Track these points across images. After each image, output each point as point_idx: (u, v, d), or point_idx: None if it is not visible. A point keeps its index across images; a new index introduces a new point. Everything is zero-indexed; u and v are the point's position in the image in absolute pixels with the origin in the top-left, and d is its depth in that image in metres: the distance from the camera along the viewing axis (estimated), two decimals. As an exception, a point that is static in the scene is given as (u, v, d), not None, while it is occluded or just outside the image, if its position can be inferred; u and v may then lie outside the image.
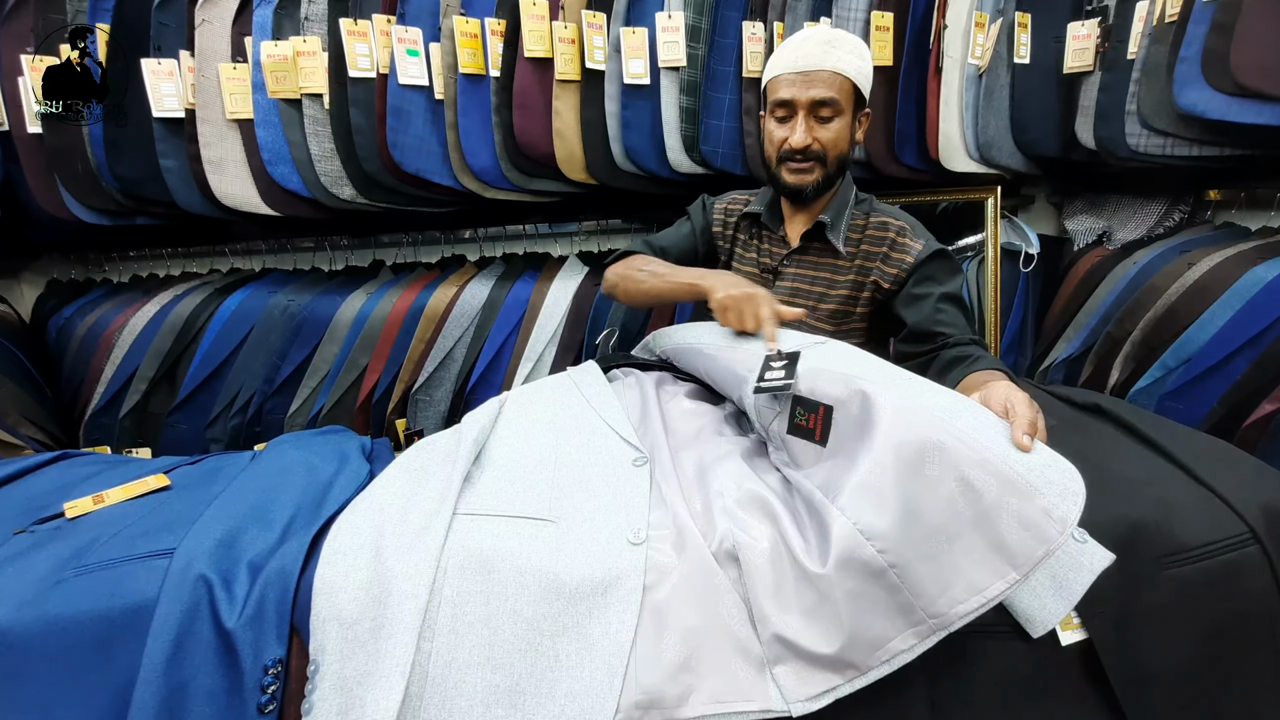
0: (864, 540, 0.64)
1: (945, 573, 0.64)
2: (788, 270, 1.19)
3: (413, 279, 1.66)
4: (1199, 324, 1.32)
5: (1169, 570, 0.73)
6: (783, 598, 0.65)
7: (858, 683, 0.63)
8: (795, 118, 1.09)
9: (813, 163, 1.11)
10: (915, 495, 0.65)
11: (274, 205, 1.48)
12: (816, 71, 1.06)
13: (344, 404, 1.57)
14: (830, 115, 1.09)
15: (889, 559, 0.63)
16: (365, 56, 1.41)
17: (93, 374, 1.57)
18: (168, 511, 0.87)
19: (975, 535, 0.64)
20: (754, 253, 1.24)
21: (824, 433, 0.77)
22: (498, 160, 1.49)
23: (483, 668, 0.62)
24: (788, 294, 1.19)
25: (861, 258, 1.15)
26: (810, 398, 0.79)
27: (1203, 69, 1.27)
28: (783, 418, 0.83)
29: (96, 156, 1.46)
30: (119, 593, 0.72)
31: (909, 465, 0.66)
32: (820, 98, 1.07)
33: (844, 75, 1.08)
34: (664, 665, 0.62)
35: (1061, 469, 0.68)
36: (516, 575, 0.68)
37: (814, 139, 1.09)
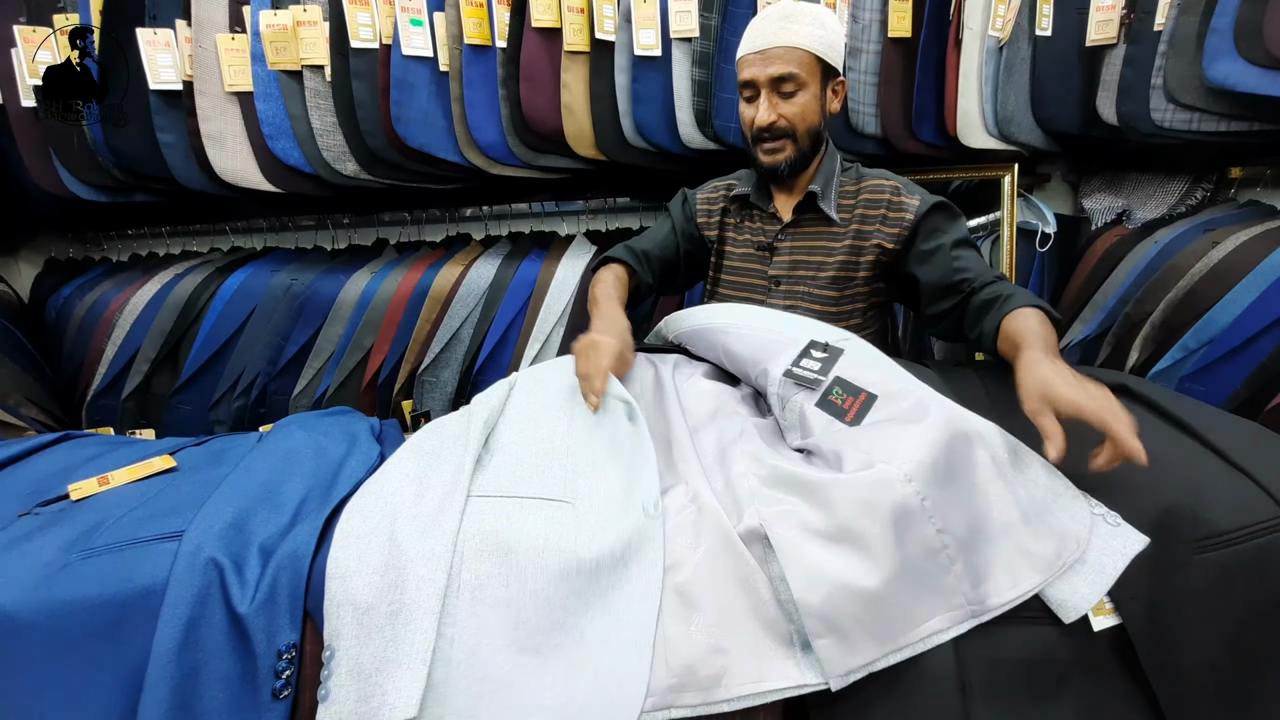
0: (927, 516, 0.65)
1: (990, 561, 0.65)
2: (783, 245, 1.20)
3: (417, 258, 1.63)
4: (1222, 305, 1.29)
5: (1202, 554, 0.71)
6: (819, 570, 0.64)
7: (893, 658, 0.63)
8: (759, 96, 1.11)
9: (783, 140, 1.12)
10: (971, 482, 0.67)
11: (275, 181, 1.44)
12: (773, 48, 1.08)
13: (349, 385, 1.55)
14: (793, 90, 1.10)
15: (945, 539, 0.65)
16: (367, 26, 1.37)
17: (93, 354, 1.54)
18: (175, 494, 0.86)
19: (1023, 529, 0.65)
20: (747, 234, 1.24)
21: (857, 416, 0.76)
22: (504, 135, 1.45)
23: (508, 650, 0.61)
24: (786, 268, 1.19)
25: (857, 222, 1.15)
26: (853, 382, 0.79)
27: (1235, 40, 1.23)
28: (812, 393, 0.82)
29: (93, 131, 1.42)
30: (128, 576, 0.70)
31: (961, 455, 0.68)
32: (779, 74, 1.08)
33: (803, 49, 1.08)
34: (695, 646, 0.61)
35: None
36: (535, 555, 0.66)
37: (779, 115, 1.11)
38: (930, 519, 0.66)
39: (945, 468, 0.69)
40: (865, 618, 0.62)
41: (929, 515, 0.66)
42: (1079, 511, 0.72)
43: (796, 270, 1.19)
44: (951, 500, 0.68)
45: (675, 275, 1.31)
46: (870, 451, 0.70)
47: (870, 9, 1.47)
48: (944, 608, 0.65)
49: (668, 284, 1.32)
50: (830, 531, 0.65)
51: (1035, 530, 0.69)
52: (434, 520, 0.70)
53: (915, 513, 0.65)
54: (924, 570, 0.65)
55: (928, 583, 0.65)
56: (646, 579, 0.65)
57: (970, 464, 0.71)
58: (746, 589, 0.65)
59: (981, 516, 0.69)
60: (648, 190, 1.74)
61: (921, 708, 0.63)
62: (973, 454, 0.72)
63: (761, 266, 1.22)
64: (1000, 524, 0.69)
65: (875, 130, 1.53)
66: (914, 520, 0.65)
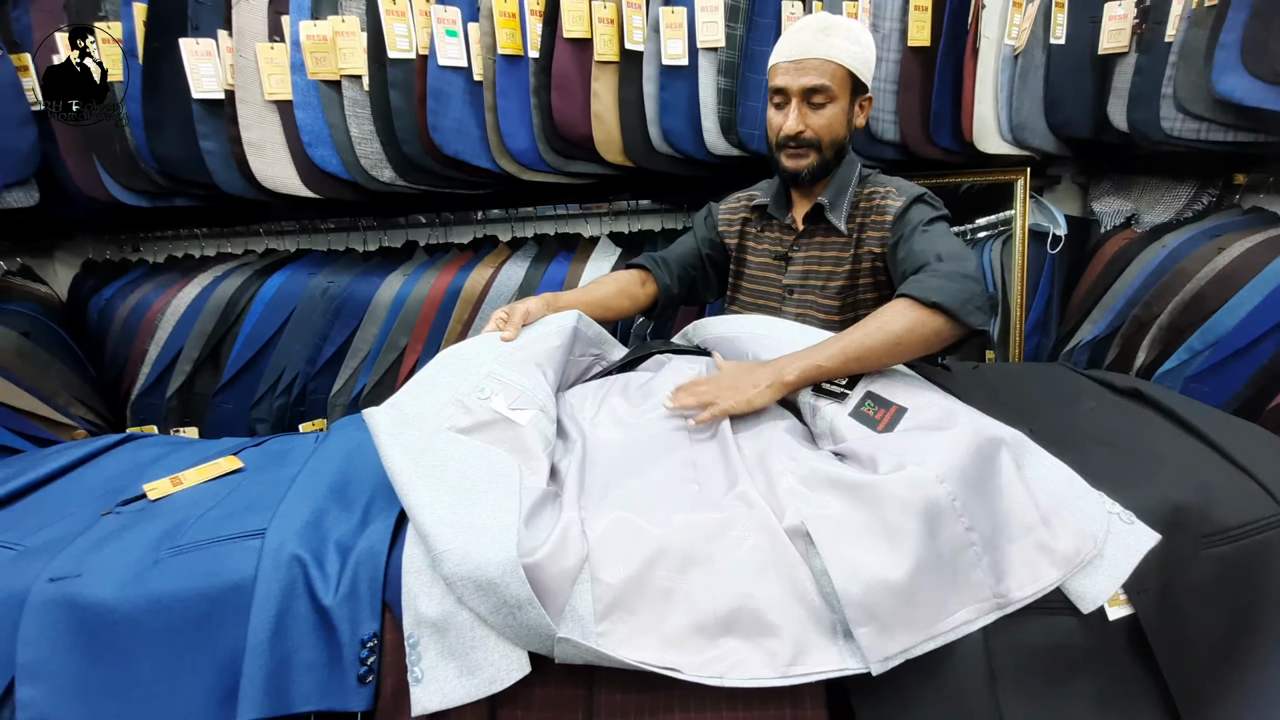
0: (957, 515, 0.70)
1: (1013, 557, 0.71)
2: (797, 255, 1.23)
3: (448, 260, 1.68)
4: (1227, 308, 1.35)
5: (1209, 549, 0.77)
6: (858, 564, 0.69)
7: (927, 645, 0.68)
8: (789, 104, 1.12)
9: (807, 148, 1.14)
10: (996, 484, 0.73)
11: (314, 187, 1.49)
12: (808, 59, 1.09)
13: (385, 384, 1.60)
14: (823, 102, 1.11)
15: (973, 536, 0.70)
16: (404, 37, 1.41)
17: (136, 355, 1.59)
18: (246, 493, 0.91)
19: (1043, 528, 0.71)
20: (765, 243, 1.28)
21: (889, 425, 0.81)
22: (535, 142, 1.49)
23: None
24: (799, 277, 1.23)
25: (858, 230, 1.18)
26: (883, 395, 0.84)
27: (1242, 56, 1.27)
28: (845, 403, 0.88)
29: (136, 138, 1.46)
30: (215, 572, 0.76)
31: (988, 459, 0.74)
32: (811, 85, 1.10)
33: (836, 63, 1.10)
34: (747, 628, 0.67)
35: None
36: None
37: (806, 125, 1.12)
38: (960, 517, 0.71)
39: (974, 471, 0.74)
40: (901, 608, 0.68)
41: (959, 514, 0.71)
42: (1095, 511, 0.77)
43: (808, 280, 1.22)
44: (979, 500, 0.74)
45: (700, 282, 1.36)
46: (903, 455, 0.76)
47: (890, 18, 1.52)
48: (972, 600, 0.70)
49: (694, 291, 1.37)
50: (868, 528, 0.71)
51: (1054, 529, 0.75)
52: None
53: (946, 511, 0.71)
54: (954, 565, 0.71)
55: (958, 577, 0.70)
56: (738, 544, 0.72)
57: (995, 467, 0.77)
58: (792, 581, 0.71)
59: (1005, 516, 0.75)
60: (670, 194, 1.79)
61: (954, 691, 0.69)
62: (998, 458, 0.78)
63: (777, 275, 1.26)
64: (1022, 523, 0.75)
65: (894, 136, 1.57)
66: (945, 518, 0.71)
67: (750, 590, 0.69)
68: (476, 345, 1.02)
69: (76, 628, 0.71)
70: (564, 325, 1.09)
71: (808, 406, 0.93)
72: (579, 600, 0.69)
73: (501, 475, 0.78)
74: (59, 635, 0.71)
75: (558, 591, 0.68)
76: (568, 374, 1.11)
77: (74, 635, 0.71)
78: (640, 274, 1.29)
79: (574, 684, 0.71)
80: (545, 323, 1.08)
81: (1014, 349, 1.79)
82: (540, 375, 0.96)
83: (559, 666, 0.69)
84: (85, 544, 0.80)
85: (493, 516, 0.71)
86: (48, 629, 0.71)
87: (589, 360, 1.16)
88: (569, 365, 1.10)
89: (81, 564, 0.76)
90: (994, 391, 1.06)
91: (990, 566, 0.72)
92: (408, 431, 0.84)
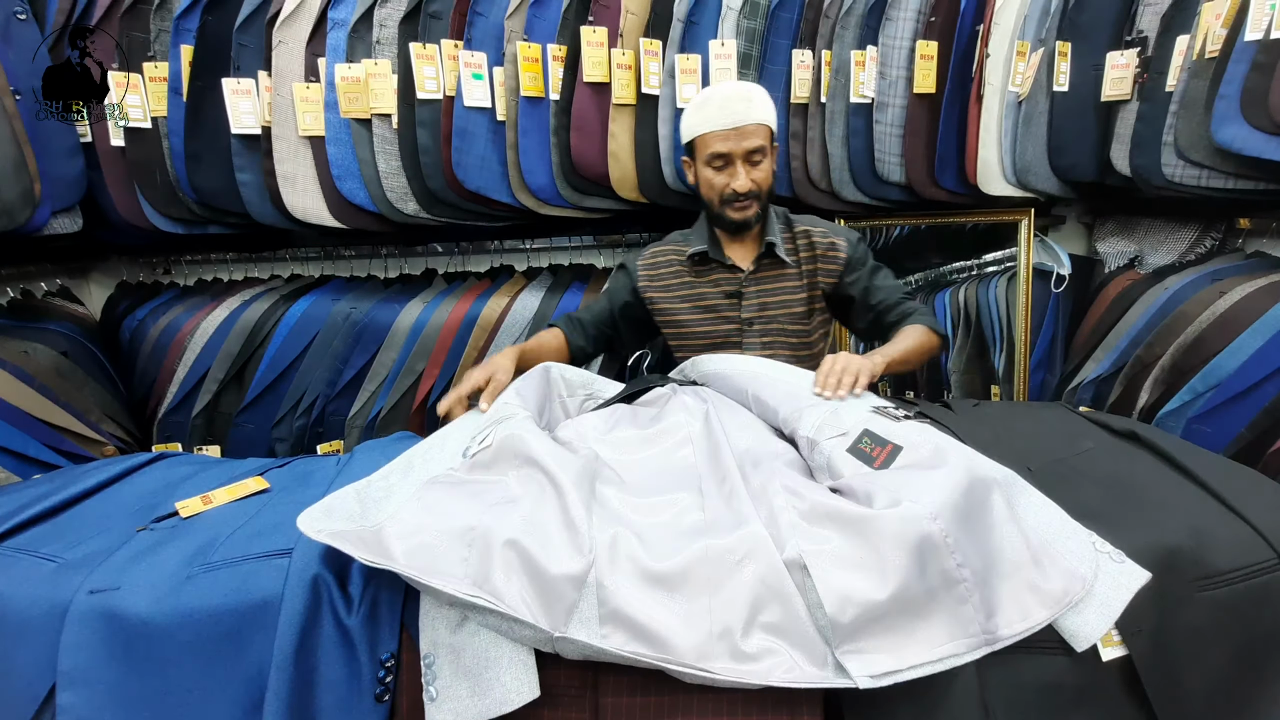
0: (949, 551, 0.73)
1: (1003, 595, 0.73)
2: (750, 290, 1.37)
3: (466, 289, 1.73)
4: (1229, 351, 1.37)
5: (1203, 593, 0.79)
6: (850, 593, 0.71)
7: (912, 674, 0.70)
8: (733, 166, 1.28)
9: (752, 200, 1.30)
10: (986, 523, 0.75)
11: (341, 218, 1.56)
12: (746, 125, 1.26)
13: (401, 407, 1.65)
14: (760, 159, 1.29)
15: (965, 573, 0.72)
16: (433, 79, 1.49)
17: (165, 374, 1.66)
18: (273, 513, 0.95)
19: (1033, 568, 0.73)
20: (707, 285, 1.39)
21: (885, 463, 0.85)
22: (554, 179, 1.56)
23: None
24: (756, 310, 1.37)
25: (805, 263, 1.37)
26: (880, 434, 0.87)
27: (1241, 107, 1.32)
28: (844, 440, 0.91)
29: (176, 169, 1.54)
30: (244, 589, 0.80)
31: (980, 499, 0.76)
32: (752, 147, 1.27)
33: (765, 124, 1.29)
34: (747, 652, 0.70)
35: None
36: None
37: (752, 181, 1.29)
38: (952, 554, 0.74)
39: (966, 509, 0.77)
40: (890, 637, 0.70)
41: (950, 550, 0.74)
42: (1084, 552, 0.79)
43: (766, 311, 1.37)
44: (970, 538, 0.76)
45: (615, 340, 1.47)
46: (898, 492, 0.79)
47: (897, 66, 1.58)
48: (961, 634, 0.72)
49: (610, 347, 1.50)
50: (863, 561, 0.73)
51: (1044, 569, 0.77)
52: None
53: (939, 547, 0.73)
54: (945, 599, 0.73)
55: (948, 610, 0.72)
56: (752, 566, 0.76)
57: (987, 506, 0.79)
58: (789, 610, 0.74)
59: (996, 554, 0.77)
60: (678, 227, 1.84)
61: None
62: (989, 498, 0.80)
63: (732, 312, 1.38)
64: (1013, 562, 0.77)
65: (900, 178, 1.62)
66: (938, 554, 0.73)
67: (748, 616, 0.73)
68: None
69: (114, 638, 0.76)
70: (529, 374, 1.16)
71: (807, 442, 0.96)
72: (585, 605, 0.72)
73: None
74: (98, 645, 0.75)
75: (565, 594, 0.71)
76: (555, 414, 1.16)
77: (112, 645, 0.75)
78: (559, 333, 1.39)
79: (580, 708, 0.74)
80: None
81: (1019, 385, 1.81)
82: (515, 396, 1.02)
83: (565, 692, 0.72)
84: (122, 558, 0.84)
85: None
86: (87, 638, 0.75)
87: (580, 399, 1.21)
88: (555, 407, 1.17)
89: (119, 577, 0.80)
90: (993, 429, 1.09)
91: (981, 603, 0.74)
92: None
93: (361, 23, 1.50)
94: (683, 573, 0.75)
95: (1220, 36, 1.37)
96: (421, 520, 0.81)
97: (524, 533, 0.76)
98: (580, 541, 0.75)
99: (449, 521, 0.79)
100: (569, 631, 0.69)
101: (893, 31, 1.57)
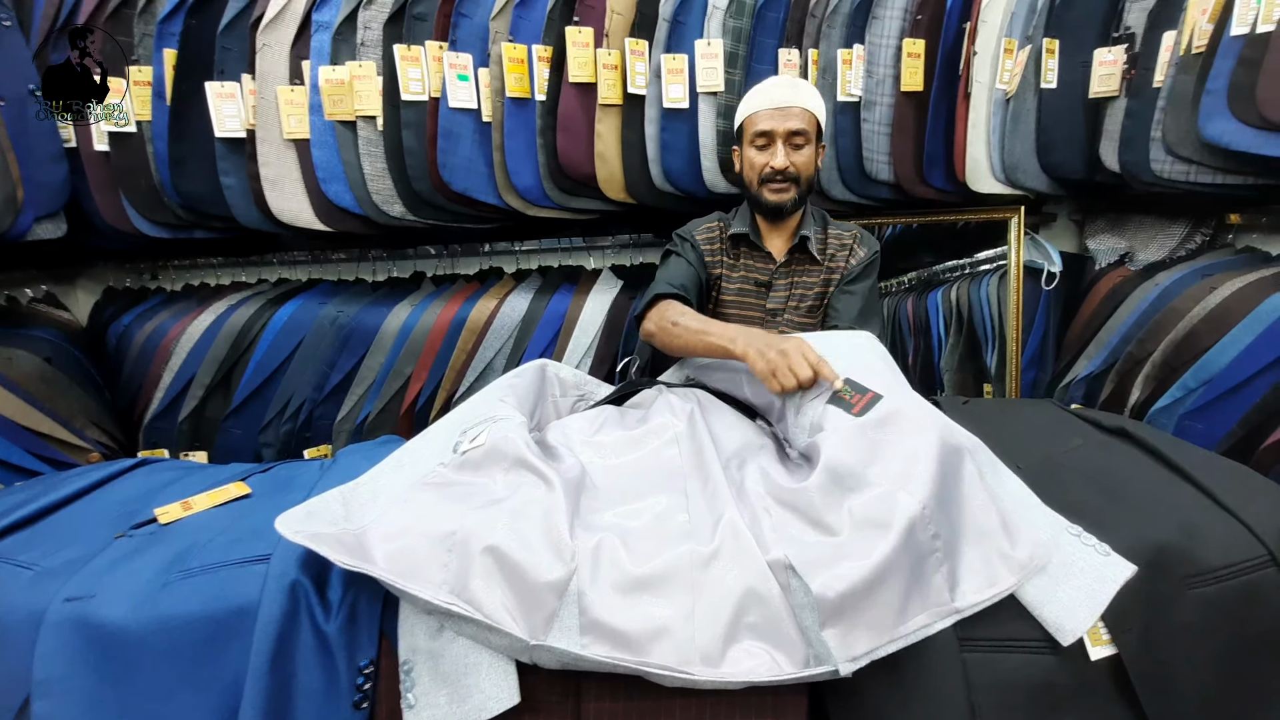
0: (926, 520, 0.73)
1: (971, 562, 0.75)
2: (779, 282, 1.38)
3: (454, 291, 1.72)
4: (1220, 347, 1.36)
5: (1193, 590, 0.78)
6: (835, 576, 0.71)
7: (889, 648, 0.70)
8: (774, 145, 1.29)
9: (789, 183, 1.30)
10: (959, 492, 0.77)
11: (327, 221, 1.55)
12: (790, 107, 1.28)
13: (389, 411, 1.64)
14: (803, 143, 1.30)
15: (937, 544, 0.73)
16: (417, 81, 1.48)
17: (151, 379, 1.64)
18: (254, 519, 0.94)
19: (1002, 535, 0.76)
20: (742, 270, 1.39)
21: (863, 411, 0.86)
22: (540, 180, 1.55)
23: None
24: (781, 302, 1.38)
25: (828, 260, 1.38)
26: (861, 383, 0.90)
27: (1229, 101, 1.31)
28: (824, 396, 0.92)
29: (160, 174, 1.53)
30: (222, 596, 0.78)
31: (953, 467, 0.78)
32: (795, 128, 1.28)
33: (810, 111, 1.30)
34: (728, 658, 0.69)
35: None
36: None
37: (791, 162, 1.29)
38: (928, 525, 0.74)
39: (941, 479, 0.77)
40: (871, 612, 0.70)
41: (927, 522, 0.74)
42: (1045, 520, 0.82)
43: (789, 304, 1.38)
44: (944, 508, 0.76)
45: (699, 307, 1.39)
46: (884, 470, 0.78)
47: (884, 64, 1.57)
48: (933, 603, 0.73)
49: None
50: (846, 549, 0.73)
51: (1012, 536, 0.78)
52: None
53: (918, 522, 0.73)
54: (917, 572, 0.73)
55: (919, 582, 0.73)
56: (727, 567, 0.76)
57: (959, 475, 0.80)
58: (771, 613, 0.72)
59: (966, 522, 0.78)
60: (667, 228, 1.84)
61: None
62: (961, 466, 0.81)
63: (758, 301, 1.39)
64: (981, 529, 0.78)
65: (888, 176, 1.62)
66: (916, 528, 0.73)
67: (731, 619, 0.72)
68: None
69: (90, 646, 0.74)
70: (525, 368, 1.16)
71: (794, 407, 0.96)
72: (566, 614, 0.71)
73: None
74: (73, 653, 0.74)
75: (546, 602, 0.71)
76: (547, 413, 1.15)
77: (87, 654, 0.74)
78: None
79: (562, 714, 0.73)
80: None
81: (1010, 383, 1.81)
82: (498, 403, 1.00)
83: (547, 698, 0.71)
84: (99, 566, 0.83)
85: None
86: (63, 647, 0.74)
87: (572, 399, 1.21)
88: (548, 406, 1.16)
89: (96, 585, 0.79)
90: (982, 427, 1.08)
91: (949, 572, 0.75)
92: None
93: (345, 25, 1.49)
94: (666, 576, 0.75)
95: (1206, 32, 1.37)
96: (407, 523, 0.80)
97: (506, 538, 0.75)
98: (563, 548, 0.75)
99: (433, 525, 0.78)
100: (549, 640, 0.68)
101: (880, 30, 1.56)
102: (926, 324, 2.00)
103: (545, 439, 1.03)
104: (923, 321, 2.00)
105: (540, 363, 1.20)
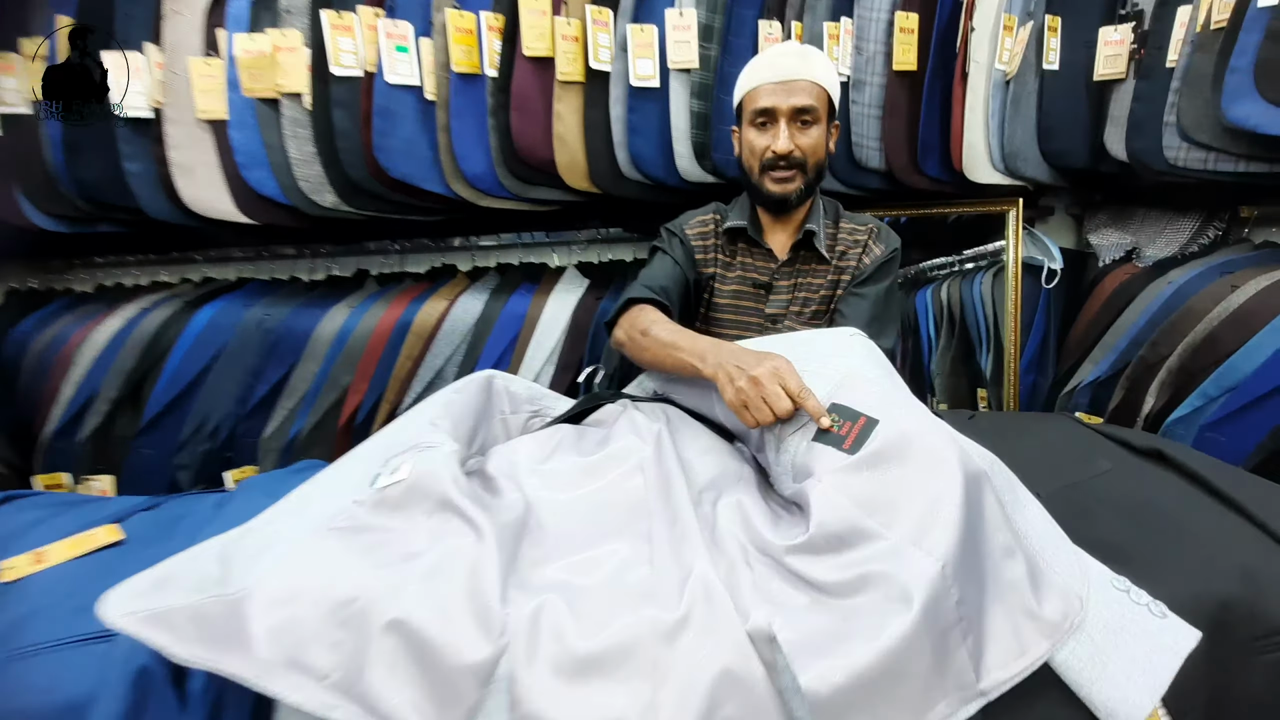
0: (949, 585, 0.58)
1: (997, 625, 0.60)
2: (781, 284, 1.20)
3: (400, 291, 1.55)
4: (1244, 351, 1.24)
5: (1265, 655, 0.64)
6: (831, 667, 0.56)
7: None
8: (777, 125, 1.12)
9: (795, 170, 1.13)
10: (982, 533, 0.62)
11: (249, 213, 1.37)
12: (796, 80, 1.10)
13: (324, 426, 1.46)
14: (811, 121, 1.12)
15: (962, 610, 0.58)
16: (350, 53, 1.30)
17: (49, 394, 1.44)
18: (120, 575, 0.76)
19: (1028, 587, 0.62)
20: (738, 270, 1.22)
21: (856, 443, 0.69)
22: (493, 166, 1.38)
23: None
24: (782, 306, 1.20)
25: (837, 258, 1.20)
26: (850, 406, 0.73)
27: (1255, 80, 1.19)
28: (809, 428, 0.76)
29: (55, 158, 1.33)
30: (50, 688, 0.61)
31: (975, 503, 0.62)
32: (801, 105, 1.11)
33: (821, 85, 1.12)
34: None
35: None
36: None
37: (796, 145, 1.12)
38: (950, 591, 0.58)
39: (965, 526, 0.62)
40: (879, 708, 0.55)
41: (949, 586, 0.58)
42: (1073, 562, 0.67)
43: (791, 308, 1.20)
44: (966, 559, 0.61)
45: (685, 312, 1.24)
46: (892, 519, 0.63)
47: (875, 40, 1.43)
48: (954, 688, 0.58)
49: (682, 322, 1.22)
50: (846, 625, 0.58)
51: (1040, 588, 0.63)
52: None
53: (940, 591, 0.58)
54: (937, 650, 0.58)
55: (938, 664, 0.58)
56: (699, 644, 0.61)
57: (981, 512, 0.65)
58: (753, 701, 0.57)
59: (988, 572, 0.63)
60: (639, 222, 1.68)
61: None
62: (983, 499, 0.65)
63: (756, 304, 1.21)
64: (1005, 580, 0.63)
65: (879, 164, 1.47)
66: (939, 599, 0.58)
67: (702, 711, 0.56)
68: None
69: None
70: (467, 381, 0.97)
71: (774, 439, 0.81)
72: (492, 706, 0.55)
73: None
74: None
75: (464, 693, 0.55)
76: (494, 433, 0.98)
77: None
78: (663, 310, 1.13)
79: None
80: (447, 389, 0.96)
81: (1008, 388, 1.68)
82: (428, 427, 0.83)
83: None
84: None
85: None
86: None
87: (525, 416, 1.04)
88: (495, 425, 0.99)
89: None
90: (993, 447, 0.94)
91: (974, 645, 0.59)
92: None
93: (267, -12, 1.31)
94: (622, 653, 0.59)
95: (1229, 4, 1.24)
96: (297, 584, 0.63)
97: (417, 607, 0.58)
98: (491, 618, 0.58)
99: (328, 589, 0.61)
100: None
101: (869, 2, 1.42)
102: (915, 325, 1.89)
103: (485, 468, 0.87)
104: (910, 322, 1.88)
105: (486, 374, 1.03)
